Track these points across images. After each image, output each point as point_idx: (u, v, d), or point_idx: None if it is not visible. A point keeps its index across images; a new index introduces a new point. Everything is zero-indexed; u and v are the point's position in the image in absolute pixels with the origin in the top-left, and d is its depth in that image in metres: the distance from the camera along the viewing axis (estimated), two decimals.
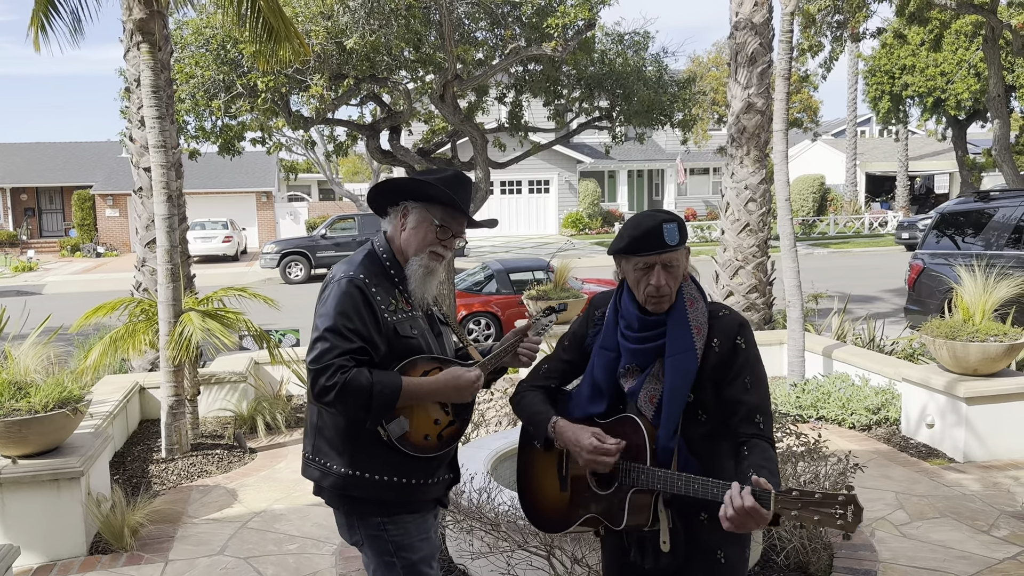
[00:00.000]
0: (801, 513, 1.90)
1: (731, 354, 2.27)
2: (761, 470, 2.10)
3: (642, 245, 2.25)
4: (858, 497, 1.87)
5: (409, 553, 2.53)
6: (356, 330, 2.36)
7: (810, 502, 1.90)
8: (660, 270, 2.25)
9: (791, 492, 1.93)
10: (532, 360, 2.63)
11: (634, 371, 2.34)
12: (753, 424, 2.25)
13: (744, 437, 2.24)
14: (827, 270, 19.44)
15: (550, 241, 30.99)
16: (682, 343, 2.26)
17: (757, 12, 8.85)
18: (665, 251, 2.24)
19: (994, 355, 5.66)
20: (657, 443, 2.24)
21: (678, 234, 2.25)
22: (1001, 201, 9.22)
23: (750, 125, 8.98)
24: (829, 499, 1.88)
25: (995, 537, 4.45)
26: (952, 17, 15.89)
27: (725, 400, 2.27)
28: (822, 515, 1.88)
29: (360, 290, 2.41)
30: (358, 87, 10.26)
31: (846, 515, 1.85)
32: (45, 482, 4.42)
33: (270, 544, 4.66)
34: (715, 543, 2.28)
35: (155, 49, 5.93)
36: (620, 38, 11.84)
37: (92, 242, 32.57)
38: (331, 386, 2.29)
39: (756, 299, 9.14)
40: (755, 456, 2.18)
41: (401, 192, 2.57)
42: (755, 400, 2.26)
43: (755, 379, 2.28)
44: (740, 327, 2.30)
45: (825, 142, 40.68)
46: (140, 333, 6.40)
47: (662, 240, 2.23)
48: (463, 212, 2.54)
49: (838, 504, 1.87)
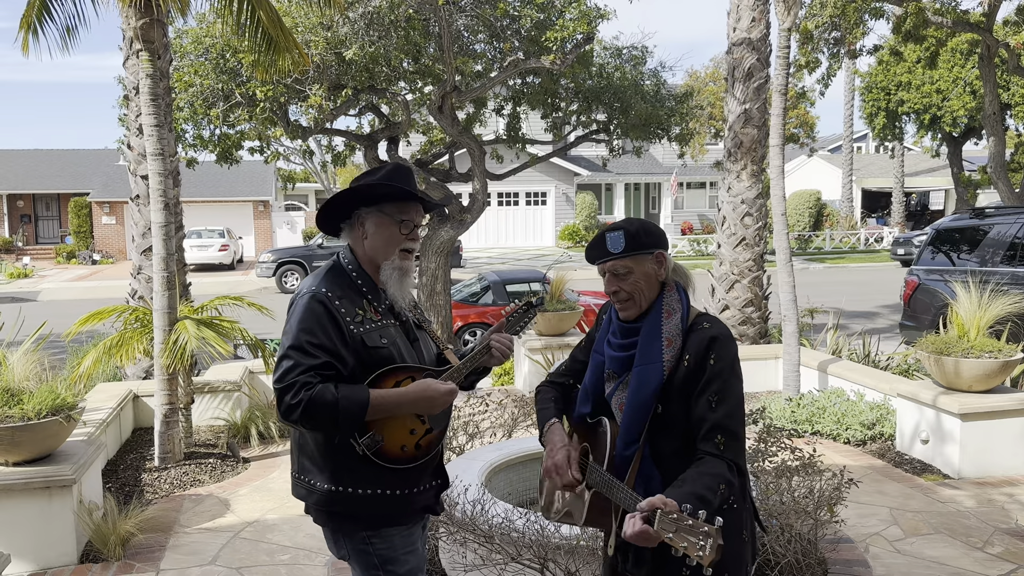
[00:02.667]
0: (674, 537, 1.87)
1: (698, 369, 2.21)
2: (684, 482, 2.07)
3: (590, 255, 2.38)
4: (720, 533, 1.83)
5: (395, 566, 2.52)
6: (321, 345, 2.34)
7: (683, 527, 1.87)
8: (610, 277, 2.35)
9: (671, 514, 1.89)
10: (507, 356, 2.62)
11: (612, 377, 2.40)
12: (712, 443, 2.17)
13: (700, 453, 2.18)
14: (823, 285, 19.47)
15: (547, 253, 31.01)
16: (649, 355, 2.27)
17: (755, 28, 8.90)
18: (609, 259, 2.32)
19: (989, 371, 5.67)
20: (616, 451, 2.29)
21: (623, 242, 2.30)
22: (996, 218, 9.26)
23: (747, 140, 9.01)
24: (695, 527, 1.85)
25: (989, 554, 4.44)
26: (948, 35, 15.99)
27: (692, 415, 2.23)
28: (688, 543, 1.85)
29: (323, 304, 2.38)
30: (357, 98, 10.29)
31: (705, 546, 1.82)
32: (37, 489, 4.39)
33: (262, 555, 4.63)
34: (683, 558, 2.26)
35: (154, 57, 5.94)
36: (618, 52, 11.90)
37: (88, 249, 32.52)
38: (296, 404, 2.28)
39: (752, 313, 9.15)
40: (692, 470, 2.13)
41: (348, 203, 2.53)
42: (717, 419, 2.18)
43: (722, 397, 2.19)
44: (712, 341, 2.22)
45: (821, 157, 40.85)
46: (134, 341, 6.37)
47: (604, 248, 2.32)
48: (415, 198, 2.53)
49: (701, 534, 1.83)
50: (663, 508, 1.89)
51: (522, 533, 3.38)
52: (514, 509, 3.70)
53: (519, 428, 5.77)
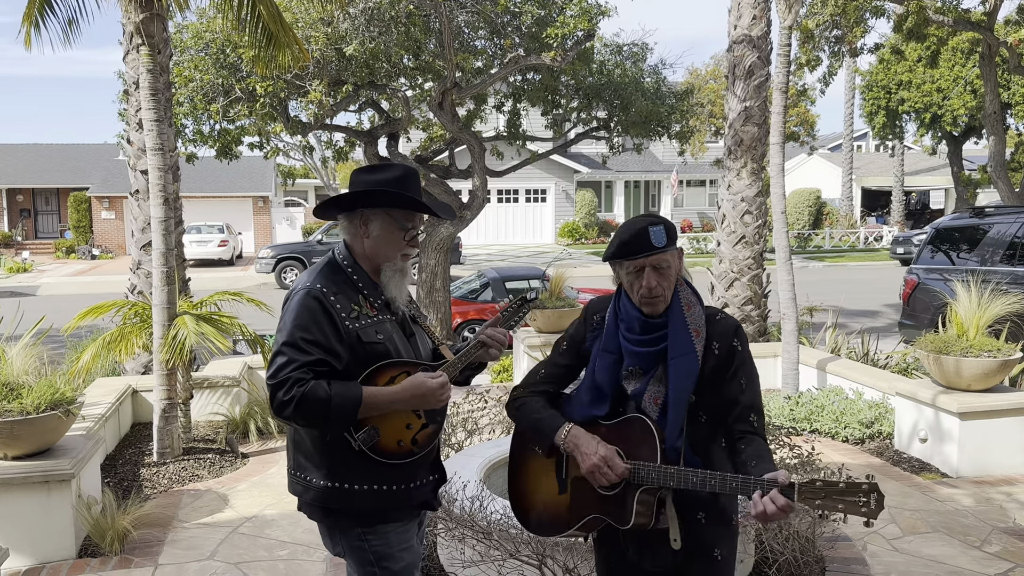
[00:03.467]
0: (824, 502, 1.97)
1: (728, 356, 2.34)
2: (760, 460, 2.21)
3: (631, 249, 2.29)
4: (880, 485, 1.93)
5: (391, 563, 2.52)
6: (315, 341, 2.34)
7: (833, 491, 1.96)
8: (650, 272, 2.29)
9: (814, 483, 1.99)
10: (501, 351, 2.62)
11: (637, 373, 2.37)
12: (747, 422, 2.33)
13: (739, 434, 2.32)
14: (822, 284, 19.48)
15: (546, 250, 31.02)
16: (683, 346, 2.30)
17: (755, 26, 8.89)
18: (653, 253, 2.27)
19: (987, 371, 5.67)
20: (666, 443, 2.28)
21: (665, 235, 2.28)
22: (996, 217, 9.26)
23: (747, 137, 9.01)
24: (852, 488, 1.95)
25: (987, 553, 4.45)
26: (949, 34, 15.99)
27: (722, 399, 2.33)
28: (846, 503, 1.95)
29: (318, 300, 2.39)
30: (357, 93, 10.28)
31: (869, 502, 1.93)
32: (35, 484, 4.40)
33: (261, 550, 4.63)
34: (712, 541, 2.35)
35: (154, 52, 5.93)
36: (619, 49, 11.89)
37: (87, 244, 32.51)
38: (288, 400, 2.28)
39: (751, 311, 9.15)
40: (752, 448, 2.28)
41: (356, 200, 2.51)
42: (749, 399, 2.34)
43: (749, 379, 2.36)
44: (736, 330, 2.37)
45: (822, 156, 40.85)
46: (133, 336, 6.37)
47: (648, 242, 2.27)
48: (424, 210, 2.54)
49: (861, 492, 1.94)
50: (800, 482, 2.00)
51: (520, 529, 3.38)
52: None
53: None
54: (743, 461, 2.25)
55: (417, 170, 2.67)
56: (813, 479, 2.00)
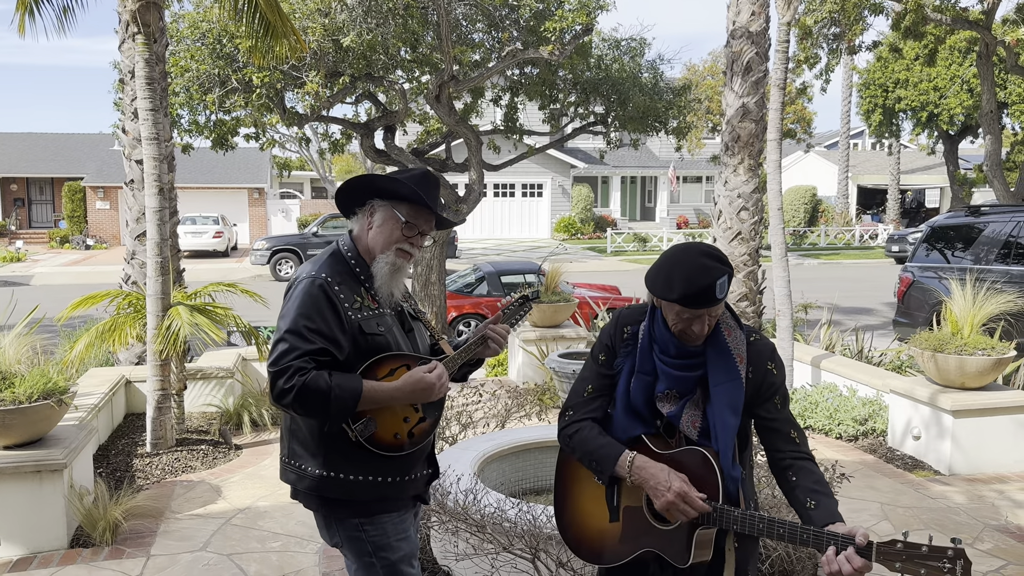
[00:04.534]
0: (905, 565, 1.84)
1: (763, 379, 2.28)
2: (820, 497, 2.14)
3: (694, 303, 2.15)
4: (966, 551, 1.82)
5: (388, 553, 2.52)
6: (318, 330, 2.34)
7: (916, 555, 1.83)
8: (705, 319, 2.20)
9: (895, 543, 1.87)
10: (502, 347, 2.61)
11: (672, 396, 2.28)
12: (790, 440, 2.27)
13: (787, 459, 2.25)
14: (817, 281, 19.51)
15: (542, 245, 31.01)
16: (727, 372, 2.24)
17: (754, 21, 8.87)
18: (714, 305, 2.17)
19: (981, 369, 5.69)
20: (723, 474, 2.19)
21: (728, 284, 2.17)
22: (991, 216, 9.28)
23: (744, 134, 9.00)
24: (936, 552, 1.80)
25: (979, 550, 4.46)
26: (947, 33, 15.99)
27: (758, 420, 2.29)
28: (928, 568, 1.80)
29: (322, 289, 2.39)
30: (354, 85, 10.24)
31: (955, 569, 1.77)
32: (27, 473, 4.38)
33: (253, 541, 4.62)
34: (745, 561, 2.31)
35: (150, 41, 5.90)
36: (617, 44, 11.87)
37: (81, 234, 32.39)
38: (289, 388, 2.27)
39: (746, 308, 9.15)
40: (804, 480, 2.20)
41: (368, 191, 2.54)
42: (786, 415, 2.30)
43: (783, 398, 2.31)
44: (772, 352, 2.33)
45: (818, 154, 40.89)
46: (127, 326, 6.35)
47: (714, 297, 2.14)
48: (430, 209, 2.52)
49: (946, 558, 1.78)
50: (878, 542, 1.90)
51: (514, 523, 3.38)
52: (506, 499, 3.70)
53: (512, 419, 5.77)
54: (799, 499, 2.16)
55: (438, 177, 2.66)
56: (894, 539, 1.86)
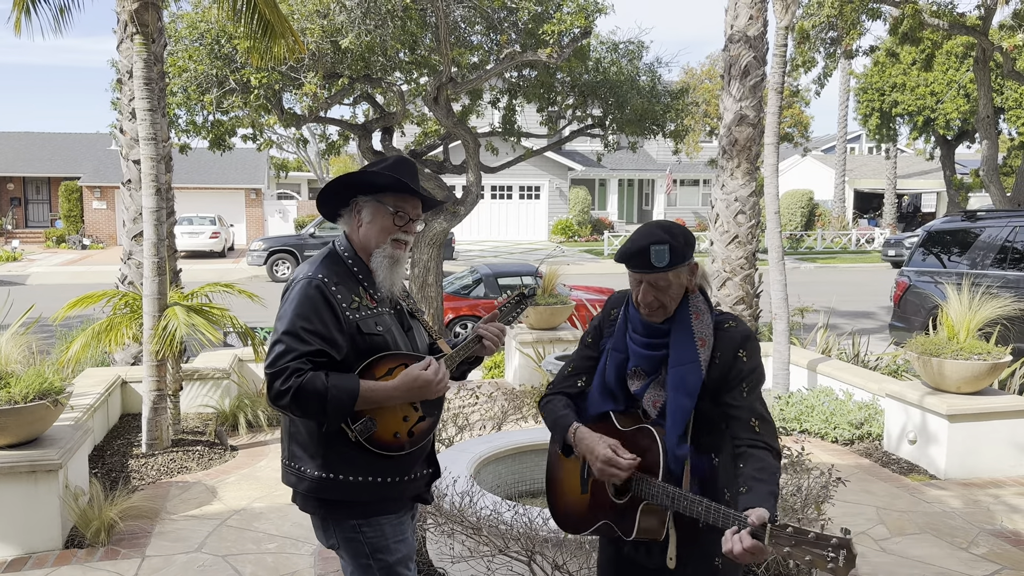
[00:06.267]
0: (793, 551, 1.87)
1: (731, 366, 2.28)
2: (755, 483, 2.12)
3: (631, 262, 2.28)
4: (853, 543, 1.82)
5: (385, 555, 2.51)
6: (315, 331, 2.34)
7: (803, 540, 1.87)
8: (646, 287, 2.29)
9: (786, 527, 1.90)
10: (498, 346, 2.62)
11: (640, 374, 2.36)
12: (749, 428, 2.25)
13: (742, 446, 2.24)
14: (813, 285, 19.53)
15: (539, 247, 31.01)
16: (686, 355, 2.27)
17: (752, 25, 8.89)
18: (650, 271, 2.25)
19: (977, 373, 5.70)
20: (667, 452, 2.24)
21: (668, 256, 2.24)
22: (988, 221, 9.30)
23: (742, 137, 9.01)
24: (822, 540, 1.84)
25: (974, 555, 4.47)
26: (944, 38, 16.05)
27: (721, 407, 2.29)
28: (814, 555, 1.84)
29: (319, 290, 2.39)
30: (352, 87, 10.25)
31: (838, 559, 1.81)
32: (22, 474, 4.37)
33: (249, 543, 4.62)
34: (711, 549, 2.29)
35: (149, 41, 5.89)
36: (615, 47, 11.89)
37: (78, 234, 32.33)
38: (285, 390, 2.27)
39: (743, 311, 9.15)
40: (749, 467, 2.19)
41: (349, 189, 2.55)
42: (750, 404, 2.27)
43: (752, 387, 2.29)
44: (744, 339, 2.31)
45: (815, 158, 40.95)
46: (123, 326, 6.34)
47: (648, 262, 2.25)
48: (414, 193, 2.52)
49: (831, 547, 1.82)
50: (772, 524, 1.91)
51: (510, 525, 3.38)
52: (502, 501, 3.70)
53: (509, 421, 5.77)
54: (738, 485, 2.18)
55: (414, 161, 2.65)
56: (786, 524, 1.90)
